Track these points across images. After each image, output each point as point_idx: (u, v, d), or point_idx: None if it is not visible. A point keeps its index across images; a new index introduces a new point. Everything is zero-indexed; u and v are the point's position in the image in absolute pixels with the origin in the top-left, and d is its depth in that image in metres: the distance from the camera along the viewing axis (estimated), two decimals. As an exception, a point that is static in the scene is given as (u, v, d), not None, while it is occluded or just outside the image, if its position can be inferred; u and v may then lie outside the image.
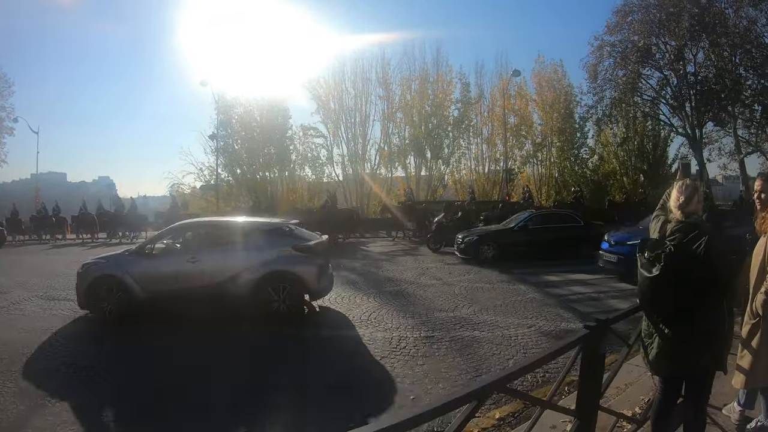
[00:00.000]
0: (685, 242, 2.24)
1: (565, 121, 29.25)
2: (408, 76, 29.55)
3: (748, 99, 30.53)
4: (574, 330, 5.73)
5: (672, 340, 2.29)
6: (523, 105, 29.93)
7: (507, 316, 6.58)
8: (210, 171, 26.87)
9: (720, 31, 28.90)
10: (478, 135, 30.42)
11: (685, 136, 30.64)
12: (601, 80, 29.81)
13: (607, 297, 8.11)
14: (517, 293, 8.24)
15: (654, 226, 2.57)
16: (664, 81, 30.84)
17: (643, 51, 29.71)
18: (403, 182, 28.92)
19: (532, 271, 10.42)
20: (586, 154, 29.92)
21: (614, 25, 29.99)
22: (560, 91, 29.75)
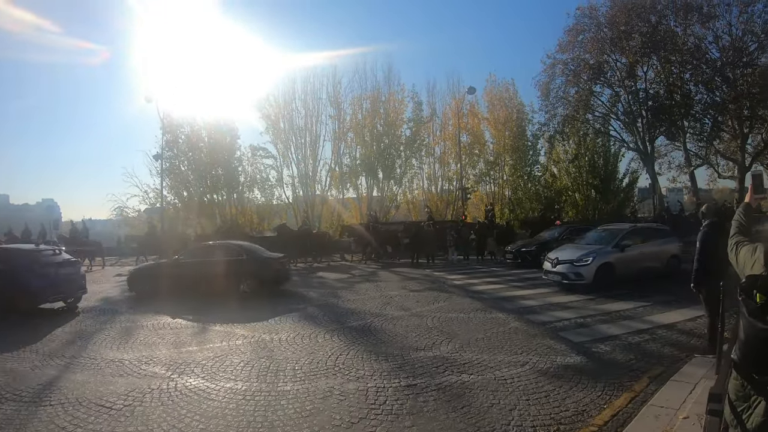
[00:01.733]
0: None
1: (518, 139, 30.72)
2: (359, 95, 30.96)
3: (699, 113, 32.28)
4: (573, 365, 5.51)
5: None
6: (476, 123, 31.41)
7: (494, 353, 6.03)
8: (155, 193, 26.97)
9: (670, 48, 30.88)
10: (430, 154, 31.81)
11: (637, 151, 32.71)
12: (553, 98, 31.63)
13: (595, 322, 7.85)
14: (497, 323, 7.79)
15: (747, 257, 2.07)
16: (616, 98, 32.90)
17: (594, 69, 31.67)
18: (355, 204, 29.77)
19: (504, 296, 10.39)
20: (538, 172, 31.37)
21: (566, 44, 31.68)
22: (512, 109, 31.23)
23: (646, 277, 11.22)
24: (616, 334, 7.00)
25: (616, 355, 6.01)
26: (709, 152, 33.80)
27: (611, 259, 10.98)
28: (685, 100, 31.88)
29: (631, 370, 5.42)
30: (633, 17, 30.51)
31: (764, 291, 1.79)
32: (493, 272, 15.23)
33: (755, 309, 1.79)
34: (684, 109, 31.69)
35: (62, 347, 6.85)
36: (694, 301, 7.49)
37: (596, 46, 31.25)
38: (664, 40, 30.71)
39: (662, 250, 12.02)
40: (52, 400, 4.76)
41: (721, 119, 32.19)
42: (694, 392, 4.48)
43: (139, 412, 4.39)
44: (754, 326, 1.77)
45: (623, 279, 10.77)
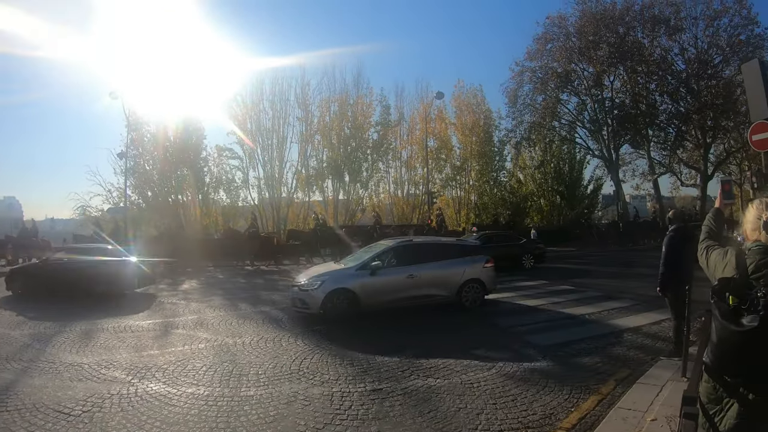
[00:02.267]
0: None
1: (484, 145, 31.77)
2: (328, 98, 31.31)
3: (663, 123, 33.40)
4: (539, 369, 5.57)
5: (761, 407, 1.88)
6: (443, 128, 32.33)
7: (460, 357, 5.99)
8: (119, 193, 26.89)
9: (637, 59, 31.88)
10: (397, 158, 32.66)
11: (602, 158, 33.76)
12: (521, 105, 32.62)
13: (561, 326, 7.92)
14: (463, 327, 7.82)
15: (718, 260, 2.12)
16: (582, 106, 34.08)
17: (562, 77, 32.73)
18: (320, 206, 30.20)
19: None
20: (504, 177, 32.28)
21: (535, 52, 32.70)
22: (480, 115, 32.30)
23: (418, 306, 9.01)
24: (581, 338, 7.08)
25: (582, 359, 6.08)
26: (672, 161, 35.12)
27: (351, 284, 8.49)
28: (650, 109, 33.14)
29: (598, 373, 5.49)
30: (601, 28, 31.48)
31: (736, 293, 1.85)
32: None
33: (727, 311, 1.84)
34: (649, 119, 32.93)
35: (19, 350, 6.61)
36: (658, 305, 7.84)
37: (564, 55, 32.21)
38: (631, 51, 31.69)
39: (452, 273, 9.15)
40: (8, 405, 4.57)
41: (685, 129, 33.46)
42: (660, 394, 4.56)
43: (98, 419, 4.26)
44: (727, 328, 1.81)
45: (376, 310, 8.63)
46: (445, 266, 9.30)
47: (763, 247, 1.96)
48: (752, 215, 2.09)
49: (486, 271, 9.46)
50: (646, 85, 33.33)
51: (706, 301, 2.17)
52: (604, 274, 15.35)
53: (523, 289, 12.00)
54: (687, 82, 32.25)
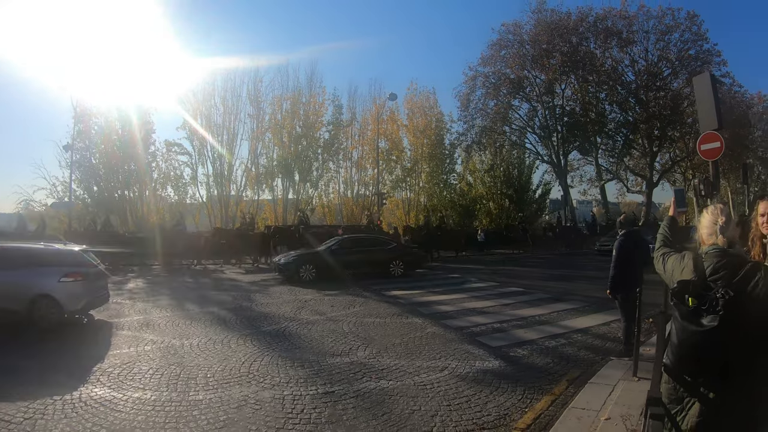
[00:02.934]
0: (740, 281, 1.94)
1: (435, 147, 33.17)
2: (280, 95, 31.90)
3: (611, 131, 34.99)
4: (492, 370, 5.74)
5: (722, 408, 1.97)
6: (395, 130, 33.60)
7: (412, 359, 6.15)
8: (64, 187, 27.02)
9: (588, 68, 33.72)
10: (348, 158, 33.70)
11: (550, 164, 35.61)
12: (473, 109, 34.15)
13: (511, 327, 8.19)
14: (413, 328, 7.99)
15: (675, 265, 2.24)
16: (533, 112, 35.93)
17: (514, 83, 34.35)
18: (270, 205, 30.90)
19: (420, 301, 10.72)
20: (454, 180, 33.62)
21: (489, 58, 34.16)
22: (431, 118, 33.59)
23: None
24: (532, 339, 7.30)
25: (534, 359, 6.27)
26: (619, 168, 37.25)
27: None
28: (599, 117, 35.08)
29: (550, 374, 5.66)
30: (555, 37, 32.98)
31: (696, 295, 1.94)
32: (407, 278, 15.76)
33: (688, 312, 1.93)
34: (598, 127, 35.02)
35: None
36: (606, 306, 8.43)
37: (518, 62, 33.72)
38: (583, 61, 33.44)
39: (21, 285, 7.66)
40: (-58, 414, 4.41)
41: (633, 137, 35.67)
42: (613, 394, 4.74)
43: (40, 426, 4.18)
44: (687, 329, 1.91)
45: None
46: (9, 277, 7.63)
47: (720, 249, 2.08)
48: (708, 220, 2.20)
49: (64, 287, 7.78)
50: (597, 94, 35.18)
51: (656, 303, 2.41)
52: (553, 276, 15.76)
53: (474, 290, 12.35)
54: (636, 93, 34.22)
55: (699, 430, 2.01)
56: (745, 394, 1.93)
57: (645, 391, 2.47)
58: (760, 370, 1.91)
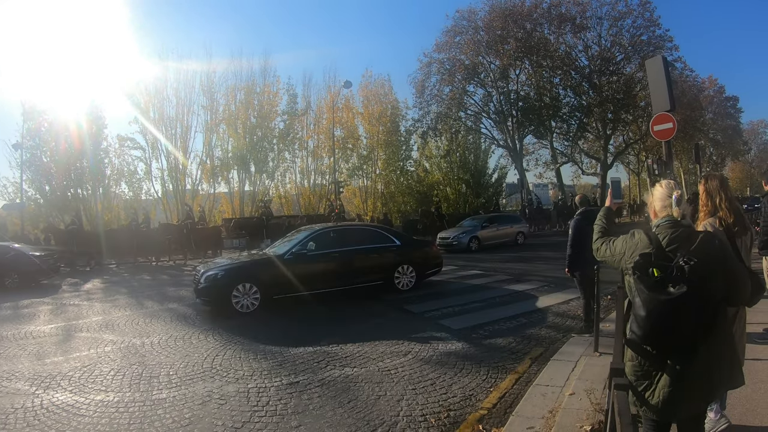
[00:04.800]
0: (697, 248, 2.18)
1: (391, 134, 36.51)
2: (234, 85, 34.48)
3: (566, 115, 38.43)
4: (455, 352, 6.16)
5: (689, 375, 2.16)
6: (350, 118, 36.78)
7: (375, 344, 6.54)
8: (15, 188, 27.99)
9: (542, 54, 37.05)
10: (303, 148, 36.67)
11: (506, 148, 39.46)
12: (428, 95, 37.59)
13: (472, 309, 8.70)
14: (375, 314, 8.57)
15: (627, 244, 2.47)
16: (488, 97, 39.66)
17: (469, 69, 37.73)
18: (226, 198, 32.62)
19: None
20: (410, 167, 36.64)
21: (443, 44, 37.34)
22: (387, 105, 36.97)
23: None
24: (493, 320, 7.77)
25: (496, 340, 6.66)
26: (574, 151, 41.16)
27: None
28: (553, 102, 38.85)
29: (513, 353, 6.06)
30: (509, 23, 36.02)
31: (659, 266, 2.14)
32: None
33: (654, 283, 2.11)
34: (552, 111, 38.88)
35: None
36: (566, 285, 9.36)
37: (472, 48, 36.94)
38: (537, 46, 36.72)
39: None
40: None
41: (587, 121, 39.76)
42: (576, 370, 5.07)
43: None
44: (656, 299, 2.08)
45: None
46: None
47: (673, 220, 2.35)
48: (661, 193, 2.46)
49: None
50: (551, 79, 38.86)
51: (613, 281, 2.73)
52: (512, 258, 16.99)
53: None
54: (590, 78, 37.90)
55: (668, 401, 2.16)
56: (707, 357, 2.14)
57: (607, 365, 2.60)
58: (719, 333, 2.16)
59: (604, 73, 37.14)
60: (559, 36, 37.11)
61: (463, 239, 20.10)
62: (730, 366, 2.25)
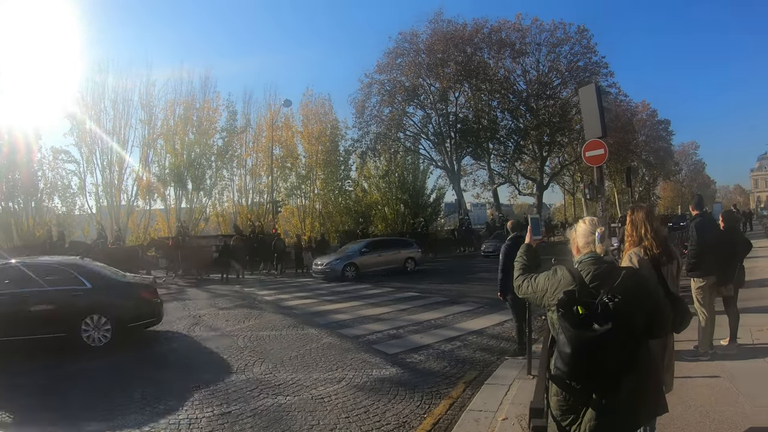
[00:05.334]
0: (621, 284, 2.29)
1: (330, 154, 37.75)
2: (173, 100, 33.83)
3: (503, 137, 40.53)
4: (389, 378, 6.32)
5: (614, 408, 2.24)
6: (290, 136, 37.77)
7: (309, 371, 6.67)
8: None
9: (482, 77, 39.63)
10: (242, 166, 37.32)
11: (444, 169, 41.78)
12: (368, 116, 39.78)
13: (408, 332, 8.96)
14: (309, 340, 8.66)
15: (549, 281, 2.53)
16: (427, 119, 42.01)
17: (409, 91, 40.12)
18: (162, 216, 33.36)
19: (316, 311, 11.85)
20: (349, 186, 38.19)
21: (385, 65, 39.47)
22: (327, 125, 38.13)
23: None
24: (428, 343, 7.97)
25: (430, 364, 6.88)
26: (511, 172, 43.75)
27: None
28: (491, 124, 41.41)
29: (447, 377, 6.24)
30: (450, 47, 38.26)
31: (583, 304, 2.20)
32: (305, 286, 17.65)
33: (579, 321, 2.17)
34: (490, 133, 41.44)
35: None
36: (500, 307, 9.31)
37: (413, 70, 39.23)
38: (476, 70, 39.22)
39: None
40: None
41: (523, 143, 42.94)
42: (509, 393, 5.22)
43: None
44: (582, 336, 2.14)
45: None
46: None
47: (596, 256, 2.48)
48: (585, 230, 2.61)
49: None
50: (489, 102, 41.49)
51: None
52: (449, 279, 17.75)
53: (370, 297, 13.70)
54: (527, 101, 40.88)
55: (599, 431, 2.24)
56: (631, 389, 2.22)
57: (540, 389, 2.79)
58: (642, 364, 2.25)
59: (541, 97, 39.85)
60: (498, 60, 39.63)
61: (337, 266, 18.91)
62: (654, 396, 2.37)
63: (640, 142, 48.01)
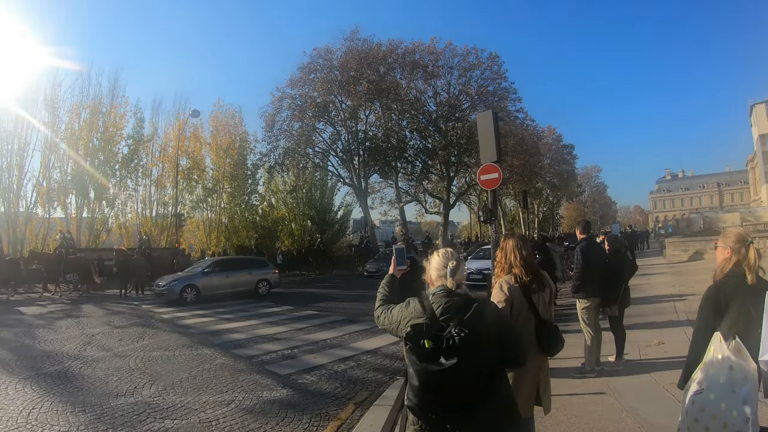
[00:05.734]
0: (471, 317, 2.73)
1: (238, 167, 45.61)
2: (79, 102, 38.73)
3: (411, 156, 51.47)
4: (279, 399, 7.39)
5: None
6: (197, 148, 44.91)
7: (199, 393, 7.59)
8: None
9: (393, 97, 48.39)
10: (147, 176, 43.05)
11: (352, 186, 50.72)
12: (277, 130, 46.67)
13: (302, 352, 10.29)
14: (202, 360, 9.79)
15: (402, 313, 3.09)
16: (337, 136, 50.26)
17: (320, 107, 47.85)
18: (61, 224, 38.14)
19: (213, 330, 13.38)
20: (256, 201, 46.92)
21: (297, 80, 47.10)
22: (236, 137, 46.11)
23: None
24: (322, 364, 9.28)
25: (322, 385, 8.05)
26: (418, 191, 54.43)
27: None
28: (400, 144, 50.66)
29: (337, 399, 7.34)
30: (364, 65, 46.46)
31: (431, 336, 2.64)
32: (204, 304, 19.69)
33: (426, 354, 2.62)
34: (398, 152, 50.24)
35: None
36: None
37: (325, 87, 47.03)
38: (388, 89, 47.67)
39: None
40: None
41: (431, 163, 52.19)
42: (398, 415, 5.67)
43: None
44: (428, 370, 2.59)
45: None
46: None
47: (446, 290, 3.00)
48: (438, 263, 3.17)
49: None
50: (399, 121, 50.99)
51: None
52: (348, 297, 20.13)
53: (268, 316, 15.67)
54: (436, 122, 50.08)
55: None
56: (486, 419, 2.69)
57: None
58: (496, 395, 2.76)
59: (450, 119, 49.15)
60: (410, 81, 48.34)
61: (176, 288, 20.03)
62: (509, 425, 2.84)
63: (546, 165, 60.20)
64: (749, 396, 3.27)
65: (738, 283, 3.78)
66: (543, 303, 4.13)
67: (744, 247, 3.84)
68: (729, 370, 3.35)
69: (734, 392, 3.29)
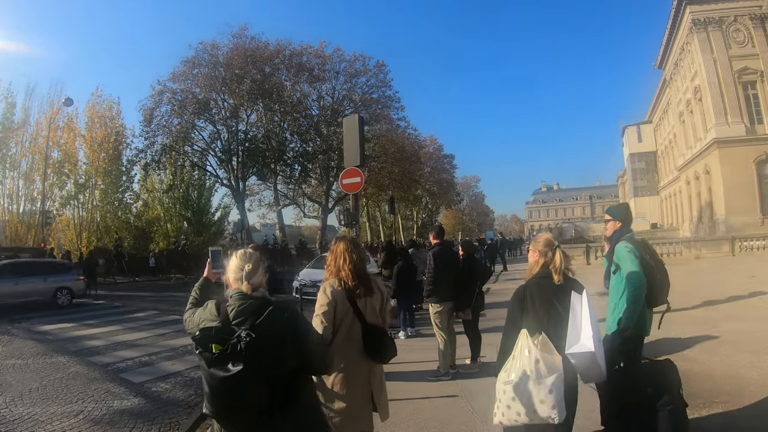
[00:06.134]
0: (263, 322, 3.13)
1: (112, 163, 50.93)
2: None
3: (290, 159, 59.53)
4: (130, 409, 8.19)
5: None
6: (71, 139, 49.39)
7: (47, 404, 8.31)
8: None
9: (276, 98, 56.25)
10: (16, 167, 45.70)
11: (229, 187, 58.03)
12: (156, 125, 52.63)
13: (160, 359, 11.54)
14: (56, 369, 10.94)
15: (202, 315, 3.52)
16: (216, 134, 57.08)
17: (201, 104, 54.58)
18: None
19: (70, 336, 14.71)
20: (130, 199, 52.87)
21: (180, 74, 53.47)
22: (112, 130, 51.47)
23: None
24: (179, 371, 10.56)
25: (176, 393, 9.04)
26: (296, 194, 63.63)
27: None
28: (279, 146, 58.20)
29: (190, 407, 8.09)
30: (249, 64, 53.52)
31: (219, 340, 3.01)
32: (63, 309, 21.75)
33: (214, 360, 2.96)
34: (278, 154, 57.89)
35: None
36: None
37: (208, 83, 53.75)
38: (271, 90, 55.40)
39: None
40: None
41: (311, 167, 60.80)
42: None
43: None
44: (216, 376, 2.95)
45: None
46: None
47: (242, 293, 3.39)
48: (236, 265, 3.54)
49: None
50: (280, 123, 58.93)
51: None
52: None
53: (131, 321, 17.35)
54: (318, 126, 58.87)
55: None
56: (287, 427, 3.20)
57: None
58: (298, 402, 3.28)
59: (332, 124, 57.01)
60: (295, 83, 56.21)
61: None
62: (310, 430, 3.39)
63: (426, 173, 72.29)
64: (554, 385, 4.36)
65: (545, 283, 4.81)
66: (371, 309, 4.76)
67: (551, 251, 4.84)
68: (535, 363, 4.44)
69: (540, 383, 4.37)
